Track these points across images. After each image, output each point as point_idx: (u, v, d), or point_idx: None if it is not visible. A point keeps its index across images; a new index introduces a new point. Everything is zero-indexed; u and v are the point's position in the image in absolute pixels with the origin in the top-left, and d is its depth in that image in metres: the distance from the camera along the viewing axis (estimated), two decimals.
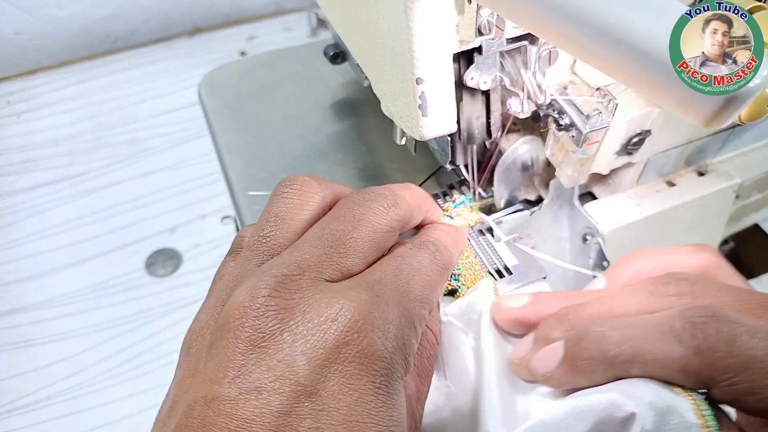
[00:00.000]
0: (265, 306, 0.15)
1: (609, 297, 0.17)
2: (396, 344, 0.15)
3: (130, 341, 0.77)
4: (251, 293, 0.15)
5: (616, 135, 0.24)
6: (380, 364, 0.15)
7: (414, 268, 0.18)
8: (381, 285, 0.16)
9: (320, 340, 0.14)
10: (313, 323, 0.15)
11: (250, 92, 0.41)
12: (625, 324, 0.16)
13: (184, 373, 0.15)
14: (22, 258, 0.86)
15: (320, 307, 0.15)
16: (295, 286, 0.15)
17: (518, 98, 0.23)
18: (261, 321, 0.14)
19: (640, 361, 0.15)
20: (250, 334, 0.14)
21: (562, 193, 0.28)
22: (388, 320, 0.15)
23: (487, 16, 0.20)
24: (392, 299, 0.16)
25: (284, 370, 0.14)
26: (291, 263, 0.16)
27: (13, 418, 0.68)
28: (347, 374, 0.14)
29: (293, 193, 0.18)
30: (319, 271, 0.16)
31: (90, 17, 1.19)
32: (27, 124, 1.08)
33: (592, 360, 0.15)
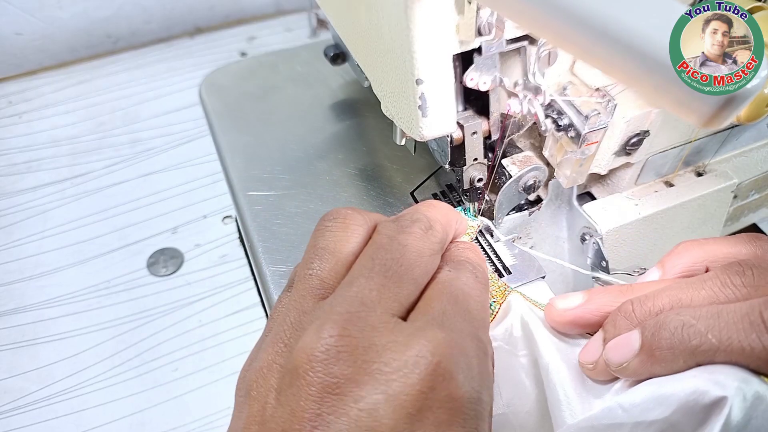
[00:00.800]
0: (334, 347, 0.14)
1: (675, 289, 0.17)
2: (481, 381, 0.15)
3: (132, 340, 0.77)
4: (318, 335, 0.14)
5: (615, 135, 0.24)
6: (469, 406, 0.14)
7: (465, 292, 0.17)
8: (447, 318, 0.16)
9: (404, 386, 0.13)
10: (391, 367, 0.14)
11: (251, 93, 0.41)
12: (708, 313, 0.15)
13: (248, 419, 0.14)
14: (24, 258, 0.87)
15: (397, 349, 0.14)
16: (363, 324, 0.15)
17: (517, 99, 0.23)
18: (333, 365, 0.14)
19: (725, 350, 0.14)
20: (323, 379, 0.14)
21: (561, 193, 0.28)
22: (468, 356, 0.15)
23: (486, 17, 0.20)
24: (464, 331, 0.15)
25: (367, 421, 0.13)
26: (352, 299, 0.15)
27: (15, 417, 0.68)
28: (437, 422, 0.13)
29: (337, 226, 0.18)
30: (383, 305, 0.15)
31: (91, 18, 1.19)
32: (29, 125, 1.08)
33: (672, 350, 0.15)
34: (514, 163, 0.26)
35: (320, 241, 0.18)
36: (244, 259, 0.71)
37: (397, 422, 0.13)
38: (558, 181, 0.27)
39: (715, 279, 0.17)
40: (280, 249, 0.31)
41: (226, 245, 0.76)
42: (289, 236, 0.32)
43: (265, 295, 0.31)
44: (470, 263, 0.19)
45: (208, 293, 0.77)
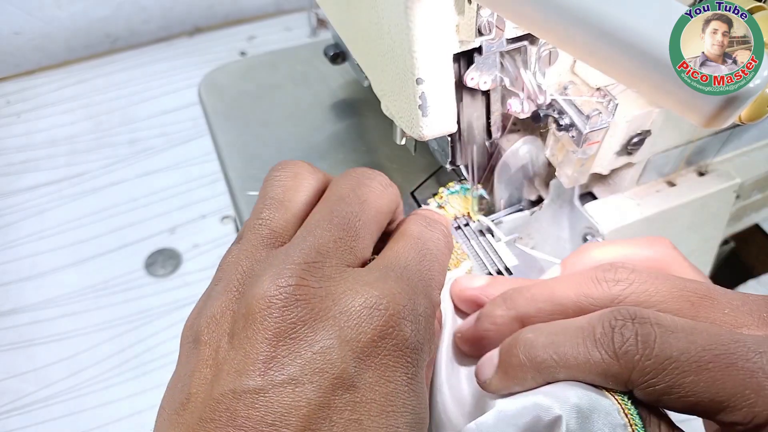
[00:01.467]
0: (293, 295, 0.14)
1: (552, 281, 0.18)
2: (425, 334, 0.15)
3: (130, 341, 0.77)
4: (276, 282, 0.14)
5: (617, 135, 0.24)
6: (413, 355, 0.15)
7: (432, 251, 0.18)
8: (408, 272, 0.16)
9: (356, 333, 0.14)
10: (347, 315, 0.14)
11: (250, 92, 0.41)
12: (553, 329, 0.16)
13: (198, 363, 0.15)
14: (21, 258, 0.86)
15: (353, 297, 0.15)
16: (319, 273, 0.15)
17: (518, 98, 0.23)
18: (290, 311, 0.14)
19: (564, 366, 0.15)
20: (279, 324, 0.14)
21: (563, 193, 0.28)
22: (418, 311, 0.15)
23: (487, 17, 0.20)
24: (420, 288, 0.16)
25: (321, 363, 0.14)
26: (310, 249, 0.15)
27: (13, 419, 0.68)
28: (383, 366, 0.14)
29: (286, 175, 0.18)
30: (339, 257, 0.16)
31: (90, 17, 1.19)
32: (27, 124, 1.08)
33: (521, 366, 0.16)
34: (509, 141, 0.26)
35: (269, 191, 0.18)
36: None
37: (348, 365, 0.14)
38: (559, 180, 0.26)
39: (585, 274, 0.17)
40: None
41: (225, 245, 0.75)
42: None
43: None
44: (443, 225, 0.19)
45: None
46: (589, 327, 0.15)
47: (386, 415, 0.14)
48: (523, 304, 0.18)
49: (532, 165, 0.26)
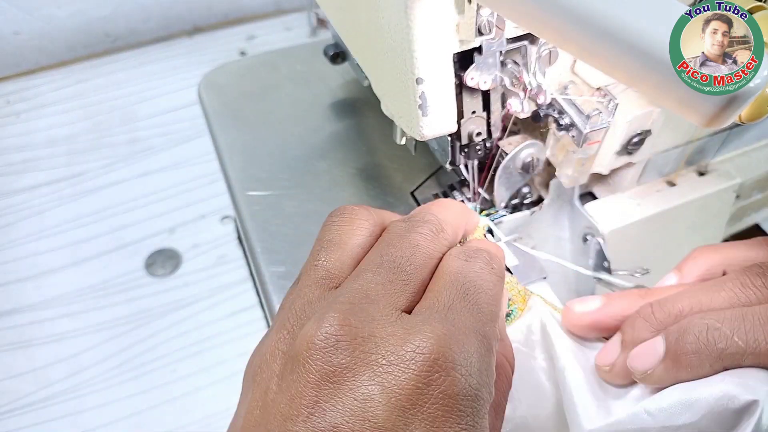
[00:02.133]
0: (334, 336, 0.14)
1: (694, 291, 0.17)
2: (480, 378, 0.15)
3: (130, 341, 0.76)
4: (319, 324, 0.14)
5: (617, 135, 0.24)
6: (465, 403, 0.14)
7: (476, 284, 0.17)
8: (453, 312, 0.15)
9: (399, 379, 0.13)
10: (388, 360, 0.14)
11: (250, 92, 0.41)
12: (732, 316, 0.15)
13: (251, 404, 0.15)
14: (20, 258, 0.86)
15: (396, 342, 0.14)
16: (364, 315, 0.15)
17: (518, 98, 0.23)
18: (332, 354, 0.14)
19: (752, 353, 0.14)
20: (321, 367, 0.14)
21: (563, 193, 0.28)
22: (469, 352, 0.15)
23: (487, 16, 0.20)
24: (468, 326, 0.15)
25: (361, 411, 0.13)
26: (356, 291, 0.15)
27: (12, 419, 0.67)
28: (431, 418, 0.13)
29: (344, 220, 0.18)
30: (386, 300, 0.15)
31: (89, 17, 1.18)
32: (26, 124, 1.08)
33: (698, 354, 0.15)
34: (511, 144, 0.26)
35: (326, 234, 0.18)
36: (243, 259, 0.70)
37: (390, 414, 0.13)
38: (559, 180, 0.26)
39: (735, 281, 0.16)
40: (279, 249, 0.31)
41: (225, 245, 0.75)
42: (288, 236, 0.31)
43: (263, 296, 0.31)
44: (486, 252, 0.18)
45: (207, 294, 0.77)
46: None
47: None
48: (672, 322, 0.16)
49: (533, 167, 0.26)
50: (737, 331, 0.15)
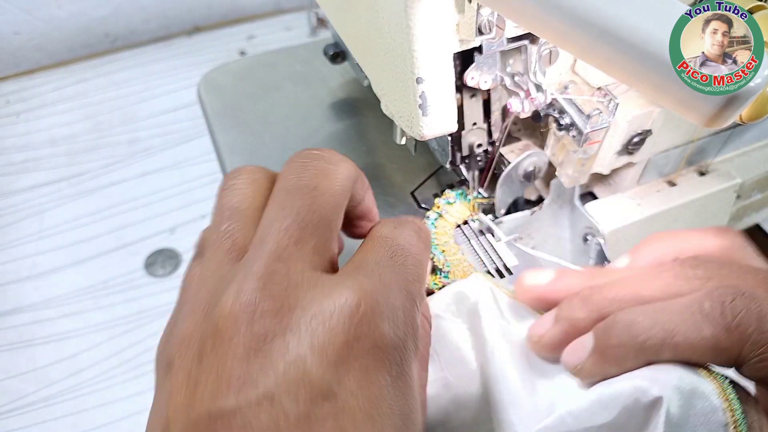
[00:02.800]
0: (255, 305, 0.14)
1: (634, 278, 0.17)
2: (406, 329, 0.15)
3: (130, 341, 0.76)
4: (238, 295, 0.14)
5: (617, 135, 0.24)
6: (394, 353, 0.14)
7: (405, 248, 0.17)
8: (380, 268, 0.16)
9: (329, 337, 0.14)
10: (317, 320, 0.14)
11: (250, 92, 0.41)
12: (654, 308, 0.15)
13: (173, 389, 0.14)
14: (21, 258, 0.86)
15: (321, 300, 0.14)
16: (284, 281, 0.14)
17: (518, 98, 0.23)
18: (257, 325, 0.13)
19: (670, 344, 0.15)
20: (248, 340, 0.13)
21: (563, 193, 0.28)
22: (395, 306, 0.15)
23: (487, 16, 0.20)
24: (394, 282, 0.15)
25: (296, 374, 0.13)
26: (268, 257, 0.15)
27: (12, 419, 0.68)
28: (363, 369, 0.14)
29: (241, 182, 0.17)
30: (302, 258, 0.15)
31: (89, 17, 1.18)
32: (26, 124, 1.08)
33: (622, 347, 0.15)
34: (513, 152, 0.26)
35: (226, 200, 0.17)
36: None
37: (325, 372, 0.13)
38: (560, 180, 0.26)
39: (671, 271, 0.17)
40: None
41: None
42: None
43: None
44: (414, 223, 0.18)
45: None
46: (695, 304, 0.15)
47: (372, 421, 0.13)
48: (606, 306, 0.17)
49: (535, 175, 0.26)
50: (656, 324, 0.15)
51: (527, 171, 0.26)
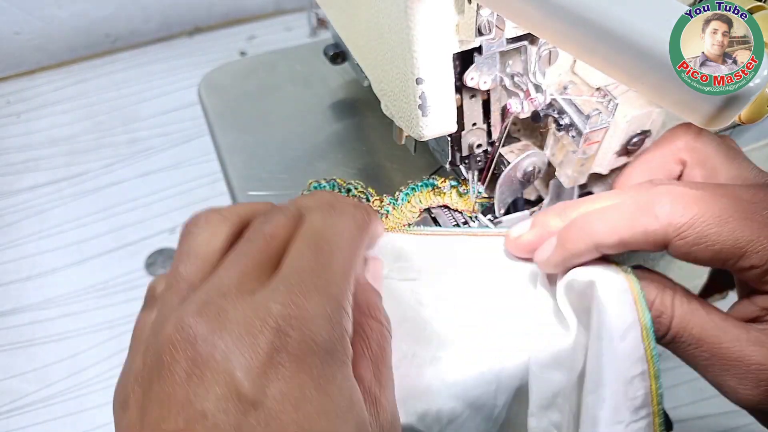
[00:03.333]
0: (192, 333, 0.15)
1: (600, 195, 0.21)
2: (327, 333, 0.16)
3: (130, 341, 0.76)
4: (177, 324, 0.15)
5: (616, 135, 0.24)
6: (313, 358, 0.15)
7: (333, 242, 0.17)
8: (299, 274, 0.16)
9: (251, 352, 0.15)
10: (241, 339, 0.15)
11: (250, 92, 0.41)
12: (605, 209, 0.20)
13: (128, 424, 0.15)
14: (21, 258, 0.86)
15: (246, 319, 0.15)
16: (216, 308, 0.15)
17: (518, 98, 0.23)
18: (192, 349, 0.15)
19: (615, 233, 0.19)
20: (185, 363, 0.14)
21: (562, 192, 0.28)
22: (311, 312, 0.15)
23: (487, 16, 0.20)
24: (312, 287, 0.16)
25: (224, 390, 0.14)
26: (210, 289, 0.16)
27: (13, 419, 0.68)
28: (284, 376, 0.15)
29: (200, 229, 0.18)
30: (240, 288, 0.16)
31: (90, 17, 1.19)
32: (27, 124, 1.08)
33: (577, 241, 0.20)
34: (512, 152, 0.26)
35: (184, 246, 0.18)
36: None
37: (251, 383, 0.14)
38: (559, 180, 0.26)
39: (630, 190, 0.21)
40: None
41: None
42: None
43: None
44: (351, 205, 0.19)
45: None
46: (633, 200, 0.20)
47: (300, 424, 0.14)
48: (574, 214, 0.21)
49: (535, 175, 0.26)
50: (604, 218, 0.19)
51: (526, 171, 0.26)
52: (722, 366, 0.18)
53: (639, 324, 0.18)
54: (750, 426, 0.48)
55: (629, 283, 0.19)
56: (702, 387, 0.18)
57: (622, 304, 0.19)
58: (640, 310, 0.19)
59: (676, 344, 0.19)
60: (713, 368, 0.19)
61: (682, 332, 0.19)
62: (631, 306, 0.19)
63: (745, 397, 0.18)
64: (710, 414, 0.46)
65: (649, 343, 0.18)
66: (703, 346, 0.19)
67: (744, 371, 0.18)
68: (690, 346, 0.19)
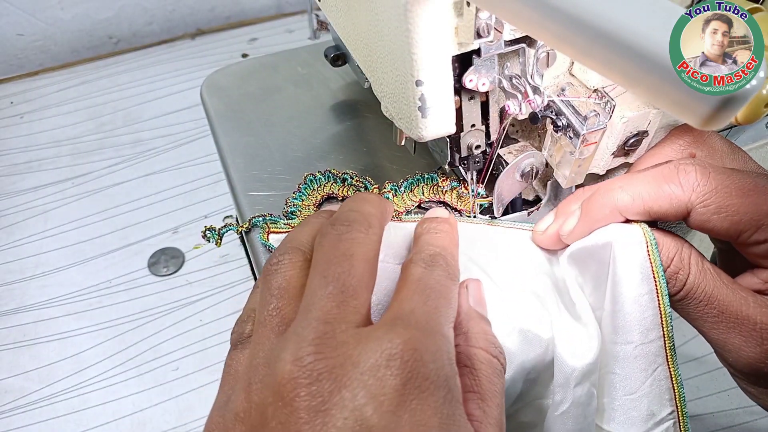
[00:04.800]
0: (315, 370, 0.15)
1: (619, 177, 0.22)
2: (448, 369, 0.16)
3: (133, 340, 0.77)
4: (295, 361, 0.15)
5: (613, 136, 0.25)
6: (439, 393, 0.15)
7: (436, 290, 0.18)
8: (415, 316, 0.17)
9: (382, 386, 0.14)
10: (367, 374, 0.15)
11: (252, 94, 0.41)
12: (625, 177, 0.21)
13: None
14: (25, 257, 0.87)
15: (368, 355, 0.15)
16: (333, 342, 0.15)
17: (516, 100, 0.23)
18: (316, 385, 0.14)
19: (637, 199, 0.20)
20: (309, 401, 0.14)
21: (560, 193, 0.28)
22: (434, 350, 0.16)
23: (485, 19, 0.20)
24: (430, 328, 0.17)
25: (354, 423, 0.14)
26: (317, 322, 0.16)
27: (16, 417, 0.68)
28: (414, 411, 0.14)
29: (286, 265, 0.19)
30: (346, 320, 0.16)
31: (93, 19, 1.19)
32: (30, 125, 1.09)
33: (602, 207, 0.21)
34: (511, 153, 0.26)
35: (273, 281, 0.18)
36: (245, 258, 0.71)
37: (382, 419, 0.14)
38: (557, 181, 0.27)
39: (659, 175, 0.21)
40: None
41: (227, 245, 0.76)
42: None
43: None
44: (442, 256, 0.20)
45: (209, 293, 0.77)
46: (657, 171, 0.20)
47: None
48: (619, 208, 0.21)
49: (533, 176, 0.27)
50: (627, 186, 0.21)
51: (525, 172, 0.26)
52: (730, 323, 0.19)
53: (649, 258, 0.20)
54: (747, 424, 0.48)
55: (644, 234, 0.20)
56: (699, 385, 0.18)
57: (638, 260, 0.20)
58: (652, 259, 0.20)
59: (688, 300, 0.20)
60: (720, 326, 0.19)
61: (696, 289, 0.20)
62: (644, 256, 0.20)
63: (747, 355, 0.19)
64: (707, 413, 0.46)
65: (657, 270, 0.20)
66: (714, 302, 0.19)
67: (750, 329, 0.19)
68: (701, 303, 0.20)
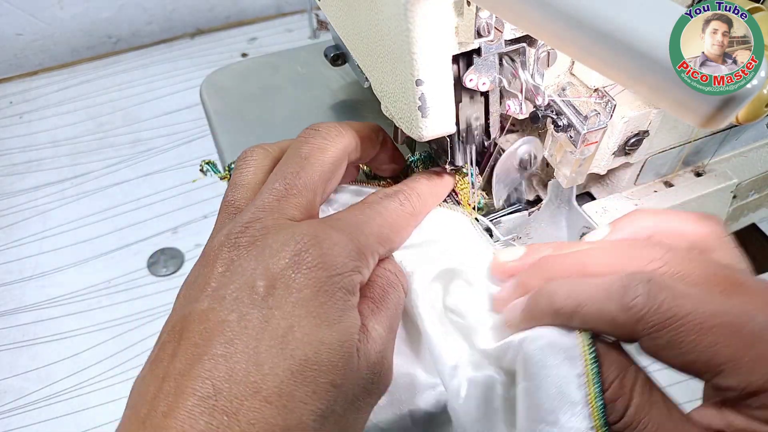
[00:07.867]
0: (237, 242, 0.19)
1: (588, 252, 0.19)
2: (338, 264, 0.18)
3: (132, 340, 0.77)
4: (227, 234, 0.19)
5: (614, 135, 0.25)
6: (319, 273, 0.18)
7: (377, 211, 0.21)
8: (338, 221, 0.20)
9: (274, 259, 0.18)
10: (270, 248, 0.18)
11: (252, 93, 0.41)
12: (576, 283, 0.18)
13: (183, 296, 0.19)
14: (24, 258, 0.86)
15: (280, 236, 0.18)
16: (260, 224, 0.19)
17: (517, 99, 0.23)
18: (234, 252, 0.19)
19: (579, 313, 0.17)
20: (224, 262, 0.18)
21: (561, 193, 0.28)
22: (333, 243, 0.19)
23: (486, 18, 0.20)
24: (343, 230, 0.19)
25: (243, 281, 0.18)
26: (255, 209, 0.20)
27: (15, 417, 0.68)
28: (295, 287, 0.17)
29: (248, 162, 0.22)
30: (280, 211, 0.19)
31: (92, 18, 1.19)
32: (29, 125, 1.08)
33: (542, 312, 0.19)
34: (508, 141, 0.26)
35: (235, 177, 0.22)
36: None
37: (264, 283, 0.18)
38: (557, 181, 0.27)
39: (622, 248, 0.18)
40: None
41: None
42: None
43: None
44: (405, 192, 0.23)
45: None
46: (609, 284, 0.17)
47: (288, 322, 0.17)
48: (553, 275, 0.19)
49: (531, 163, 0.27)
50: (571, 296, 0.18)
51: (523, 159, 0.26)
52: None
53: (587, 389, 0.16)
54: None
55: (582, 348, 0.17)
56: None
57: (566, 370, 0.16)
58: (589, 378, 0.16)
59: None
60: None
61: (636, 424, 0.16)
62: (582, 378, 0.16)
63: None
64: None
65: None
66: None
67: None
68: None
